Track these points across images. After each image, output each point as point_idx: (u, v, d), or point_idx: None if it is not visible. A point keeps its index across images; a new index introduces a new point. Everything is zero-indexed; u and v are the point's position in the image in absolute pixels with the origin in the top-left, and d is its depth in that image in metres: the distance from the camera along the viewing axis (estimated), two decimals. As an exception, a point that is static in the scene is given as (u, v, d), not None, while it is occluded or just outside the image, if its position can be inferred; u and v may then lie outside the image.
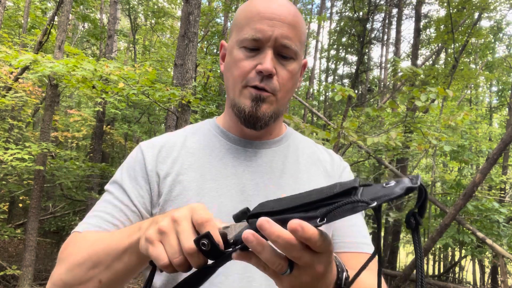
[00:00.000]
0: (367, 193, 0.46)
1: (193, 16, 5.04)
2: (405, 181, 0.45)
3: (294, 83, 0.88)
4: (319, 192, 0.49)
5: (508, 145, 5.34)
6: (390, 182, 0.46)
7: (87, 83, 4.94)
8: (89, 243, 0.73)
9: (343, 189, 0.46)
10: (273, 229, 0.46)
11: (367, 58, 13.42)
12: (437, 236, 5.94)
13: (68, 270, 0.71)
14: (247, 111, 0.84)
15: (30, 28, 9.39)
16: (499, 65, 13.01)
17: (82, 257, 0.71)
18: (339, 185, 0.48)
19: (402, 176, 0.51)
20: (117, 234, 0.70)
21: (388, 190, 0.45)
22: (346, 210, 0.45)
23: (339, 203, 0.45)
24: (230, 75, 0.87)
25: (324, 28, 17.38)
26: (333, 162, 0.98)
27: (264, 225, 0.46)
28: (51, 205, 9.77)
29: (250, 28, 0.82)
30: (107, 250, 0.68)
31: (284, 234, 0.46)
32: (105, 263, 0.67)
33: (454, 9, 8.15)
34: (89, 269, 0.69)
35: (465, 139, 9.58)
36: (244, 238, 0.47)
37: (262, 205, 0.53)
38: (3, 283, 6.42)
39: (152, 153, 0.89)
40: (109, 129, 10.57)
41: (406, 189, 0.43)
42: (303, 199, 0.49)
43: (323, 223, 0.46)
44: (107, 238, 0.71)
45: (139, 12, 12.40)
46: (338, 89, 4.15)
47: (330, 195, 0.46)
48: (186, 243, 0.52)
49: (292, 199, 0.50)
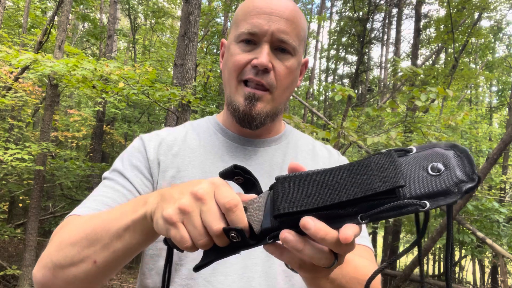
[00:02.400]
0: (412, 184, 0.40)
1: (193, 16, 5.04)
2: (454, 165, 0.40)
3: (293, 80, 0.86)
4: (353, 181, 0.43)
5: (508, 145, 5.34)
6: (437, 166, 0.40)
7: (87, 83, 4.94)
8: (84, 221, 0.67)
9: (386, 188, 0.41)
10: (319, 228, 0.43)
11: (367, 58, 13.42)
12: (437, 236, 5.93)
13: (59, 250, 0.65)
14: (241, 109, 0.83)
15: (30, 28, 9.39)
16: (499, 65, 13.01)
17: (76, 235, 0.64)
18: (378, 177, 0.42)
19: (444, 150, 0.41)
20: (117, 210, 0.63)
21: (440, 185, 0.39)
22: (392, 214, 0.40)
23: (385, 207, 0.40)
24: (227, 70, 0.86)
25: (324, 28, 17.39)
26: (331, 157, 0.97)
27: (308, 224, 0.43)
28: (51, 205, 9.76)
29: (247, 23, 0.82)
30: (106, 227, 0.61)
31: (332, 233, 0.43)
32: (102, 242, 0.61)
33: (454, 9, 8.15)
34: (83, 248, 0.62)
35: (465, 139, 9.58)
36: (283, 238, 0.44)
37: (286, 195, 0.46)
38: (3, 283, 6.41)
39: (154, 144, 0.88)
40: (109, 129, 10.57)
41: (464, 192, 0.39)
42: (335, 192, 0.43)
43: (365, 223, 0.42)
44: (104, 214, 0.65)
45: (139, 12, 12.40)
46: (338, 89, 4.14)
47: (371, 193, 0.41)
48: (214, 225, 0.47)
49: (321, 189, 0.45)
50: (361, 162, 0.44)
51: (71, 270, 0.63)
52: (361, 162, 0.44)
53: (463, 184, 0.39)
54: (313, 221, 0.43)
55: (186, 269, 0.79)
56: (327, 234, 0.43)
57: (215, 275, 0.78)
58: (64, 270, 0.64)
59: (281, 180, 0.48)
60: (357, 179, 0.43)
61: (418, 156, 0.42)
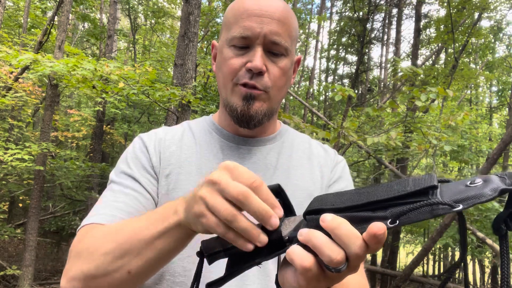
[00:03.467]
0: (447, 193, 0.40)
1: (193, 16, 5.04)
2: (495, 180, 0.39)
3: (287, 80, 0.87)
4: (388, 188, 0.43)
5: (508, 145, 5.34)
6: (476, 180, 0.40)
7: (87, 83, 4.94)
8: (112, 230, 0.67)
9: (418, 188, 0.40)
10: (337, 222, 0.42)
11: (367, 58, 13.42)
12: (437, 236, 5.94)
13: (90, 261, 0.64)
14: (239, 110, 0.83)
15: (30, 28, 9.38)
16: (499, 65, 13.01)
17: (107, 245, 0.64)
18: (412, 181, 0.42)
19: (488, 174, 0.43)
20: (144, 219, 0.64)
21: (474, 191, 0.38)
22: (423, 212, 0.39)
23: (416, 205, 0.40)
24: (221, 74, 0.86)
25: (324, 28, 17.39)
26: (327, 157, 0.97)
27: (327, 219, 0.43)
28: (51, 205, 9.77)
29: (239, 26, 0.82)
30: (138, 236, 0.61)
31: (354, 232, 0.42)
32: (135, 251, 0.61)
33: (454, 9, 8.15)
34: (116, 259, 0.62)
35: (465, 139, 9.58)
36: (302, 236, 0.44)
37: (321, 200, 0.47)
38: (3, 283, 6.41)
39: (154, 143, 0.89)
40: (109, 129, 10.57)
41: (500, 191, 0.38)
42: (369, 196, 0.43)
43: (395, 226, 0.41)
44: (133, 222, 0.65)
45: (139, 12, 12.40)
46: (338, 89, 4.15)
47: (402, 194, 0.41)
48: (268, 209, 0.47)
49: (355, 195, 0.45)
50: (401, 179, 0.44)
51: (105, 280, 0.63)
52: (401, 179, 0.44)
53: (501, 188, 0.39)
54: (332, 216, 0.43)
55: (181, 266, 0.81)
56: (343, 227, 0.42)
57: (208, 276, 0.78)
58: (97, 280, 0.64)
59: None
60: (391, 187, 0.43)
61: (460, 181, 0.42)
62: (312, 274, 0.45)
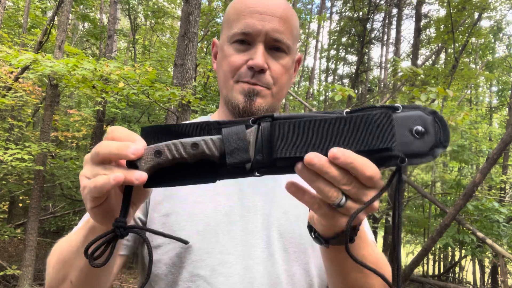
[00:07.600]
0: (401, 143, 0.47)
1: (193, 16, 5.03)
2: (435, 139, 0.47)
3: (288, 78, 0.87)
4: (358, 138, 0.46)
5: (508, 145, 5.34)
6: (418, 128, 0.47)
7: (87, 83, 4.94)
8: (61, 244, 0.71)
9: (384, 146, 0.45)
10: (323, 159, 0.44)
11: (367, 58, 13.41)
12: (437, 236, 5.94)
13: (47, 273, 0.71)
14: (241, 106, 0.82)
15: (30, 28, 9.39)
16: (499, 65, 13.00)
17: (53, 258, 0.69)
18: (379, 138, 0.46)
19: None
20: (80, 229, 0.64)
21: (419, 147, 0.47)
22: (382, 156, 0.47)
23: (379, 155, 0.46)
24: (222, 71, 0.85)
25: (324, 28, 17.39)
26: None
27: (313, 158, 0.44)
28: (51, 205, 9.77)
29: (240, 23, 0.81)
30: (70, 247, 0.64)
31: (358, 158, 0.45)
32: (69, 261, 0.64)
33: (454, 9, 8.14)
34: (60, 270, 0.66)
35: (465, 139, 9.57)
36: (308, 161, 0.45)
37: (286, 138, 0.48)
38: (3, 283, 6.41)
39: None
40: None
41: (437, 155, 0.47)
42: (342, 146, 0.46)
43: None
44: (72, 235, 0.68)
45: (139, 12, 12.40)
46: (338, 89, 4.15)
47: (372, 148, 0.46)
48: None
49: (324, 140, 0.46)
50: (362, 118, 0.46)
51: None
52: (361, 118, 0.46)
53: (436, 149, 0.47)
54: (318, 156, 0.45)
55: (187, 271, 0.79)
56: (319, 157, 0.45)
57: (216, 276, 0.77)
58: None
59: (280, 122, 0.48)
60: (358, 134, 0.46)
61: (404, 115, 0.48)
62: (323, 211, 0.49)
